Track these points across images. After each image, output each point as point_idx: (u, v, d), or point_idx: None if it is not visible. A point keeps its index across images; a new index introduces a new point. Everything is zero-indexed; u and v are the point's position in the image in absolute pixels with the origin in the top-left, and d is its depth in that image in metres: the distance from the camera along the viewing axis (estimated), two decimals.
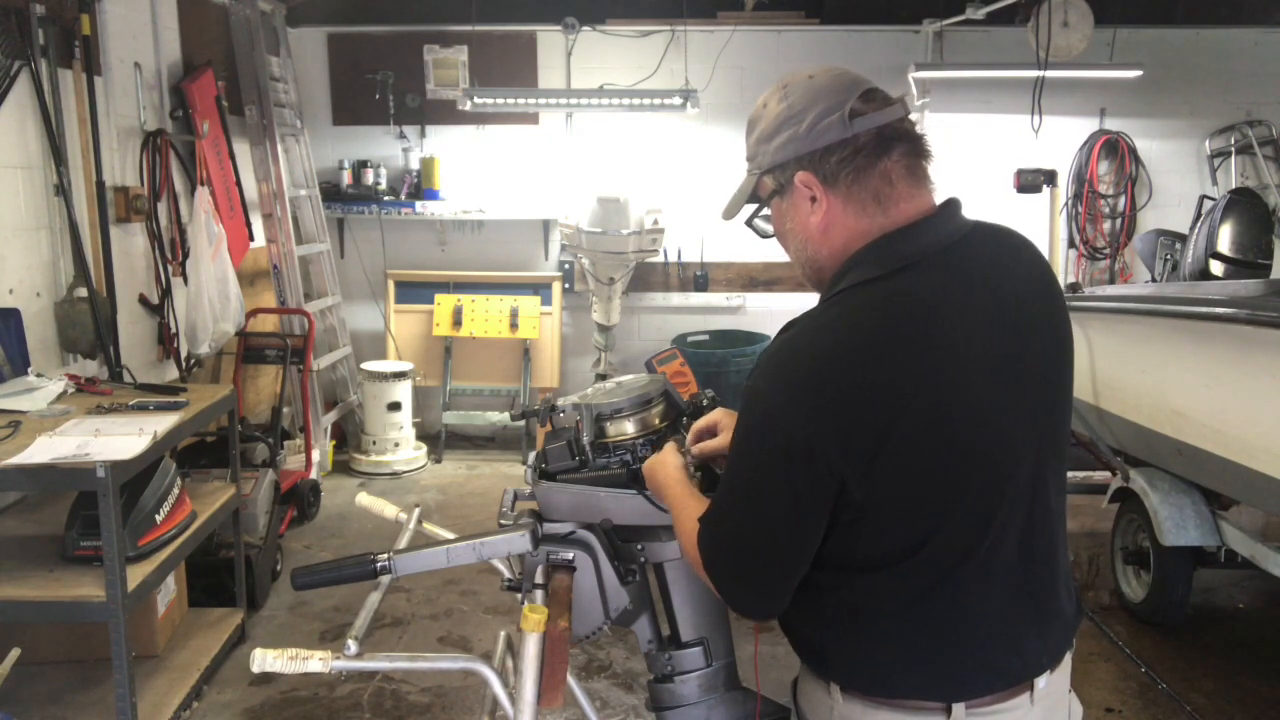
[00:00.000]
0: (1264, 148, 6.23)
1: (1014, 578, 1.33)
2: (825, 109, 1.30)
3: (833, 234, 1.33)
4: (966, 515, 1.27)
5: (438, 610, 4.03)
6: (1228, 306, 3.27)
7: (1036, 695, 1.36)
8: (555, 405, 1.71)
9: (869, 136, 1.29)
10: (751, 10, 6.09)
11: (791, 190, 1.34)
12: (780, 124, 1.34)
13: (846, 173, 1.29)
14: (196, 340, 4.48)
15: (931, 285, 1.26)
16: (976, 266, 1.31)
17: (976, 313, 1.27)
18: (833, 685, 1.37)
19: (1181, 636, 3.81)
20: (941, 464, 1.24)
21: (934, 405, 1.21)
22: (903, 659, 1.32)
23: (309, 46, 6.18)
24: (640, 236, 5.54)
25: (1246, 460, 3.14)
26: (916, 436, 1.21)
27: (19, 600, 2.74)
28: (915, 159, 1.33)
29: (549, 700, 1.45)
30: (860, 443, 1.20)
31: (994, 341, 1.28)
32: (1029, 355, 1.32)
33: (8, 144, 3.55)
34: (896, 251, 1.28)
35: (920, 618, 1.30)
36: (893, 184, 1.31)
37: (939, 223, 1.32)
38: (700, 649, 1.66)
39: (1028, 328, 1.33)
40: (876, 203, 1.31)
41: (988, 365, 1.26)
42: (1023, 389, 1.31)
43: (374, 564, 1.59)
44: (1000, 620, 1.33)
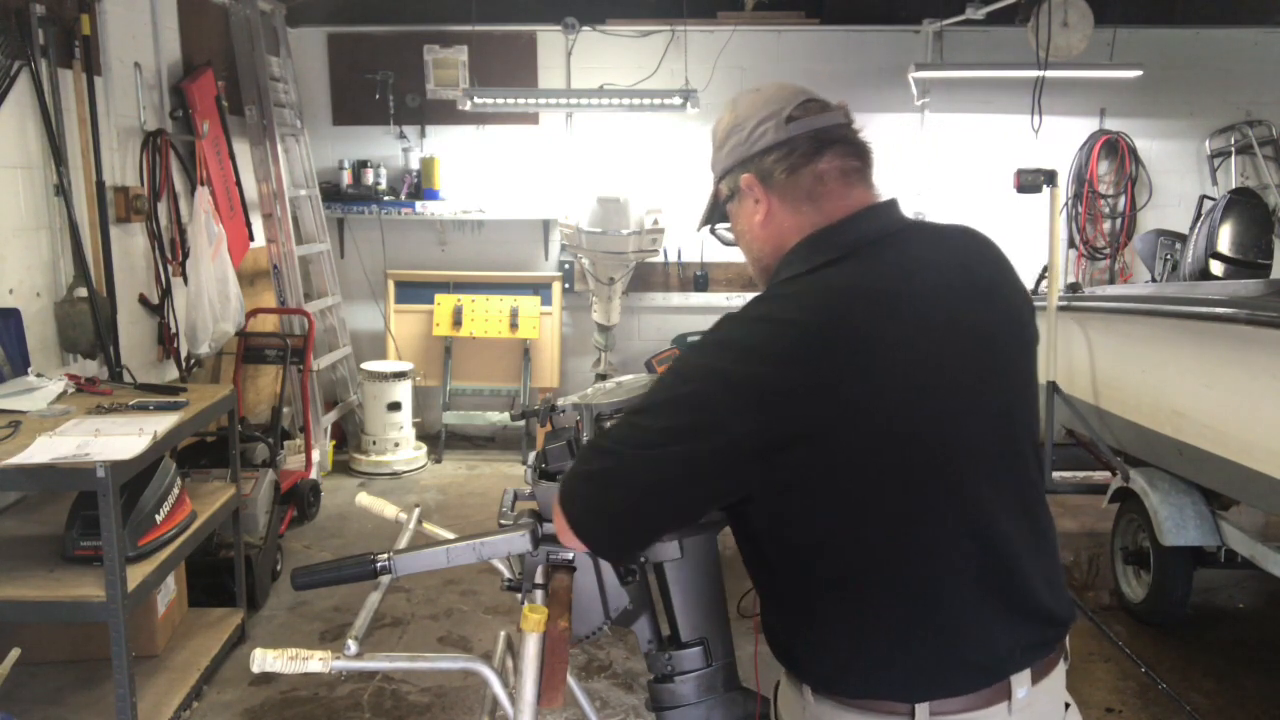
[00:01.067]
0: (1264, 148, 6.23)
1: (972, 571, 1.30)
2: (765, 116, 1.41)
3: (772, 230, 1.41)
4: (905, 504, 1.26)
5: (438, 610, 4.03)
6: (1228, 306, 3.27)
7: (1015, 705, 1.32)
8: (555, 405, 1.71)
9: (804, 139, 1.38)
10: (751, 10, 6.09)
11: (740, 193, 1.44)
12: (729, 133, 1.45)
13: (781, 171, 1.38)
14: (196, 340, 4.48)
15: (857, 277, 1.30)
16: (908, 259, 1.34)
17: (906, 302, 1.28)
18: (805, 688, 1.37)
19: (1181, 636, 3.81)
20: (868, 451, 1.24)
21: (861, 392, 1.22)
22: (863, 659, 1.32)
23: (309, 46, 6.19)
24: (640, 236, 5.54)
25: (1246, 460, 3.14)
26: (831, 426, 1.22)
27: (19, 600, 2.75)
28: (850, 161, 1.40)
29: (549, 700, 1.45)
30: (775, 433, 1.22)
31: (929, 332, 1.28)
32: (974, 347, 1.32)
33: (8, 144, 3.55)
34: (825, 245, 1.34)
35: (880, 614, 1.30)
36: (825, 183, 1.38)
37: (868, 218, 1.37)
38: (700, 649, 1.66)
39: (972, 320, 1.33)
40: (810, 200, 1.37)
41: (920, 354, 1.26)
42: (967, 378, 1.30)
43: (374, 564, 1.59)
44: (960, 615, 1.30)
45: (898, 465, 1.25)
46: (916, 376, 1.25)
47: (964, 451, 1.29)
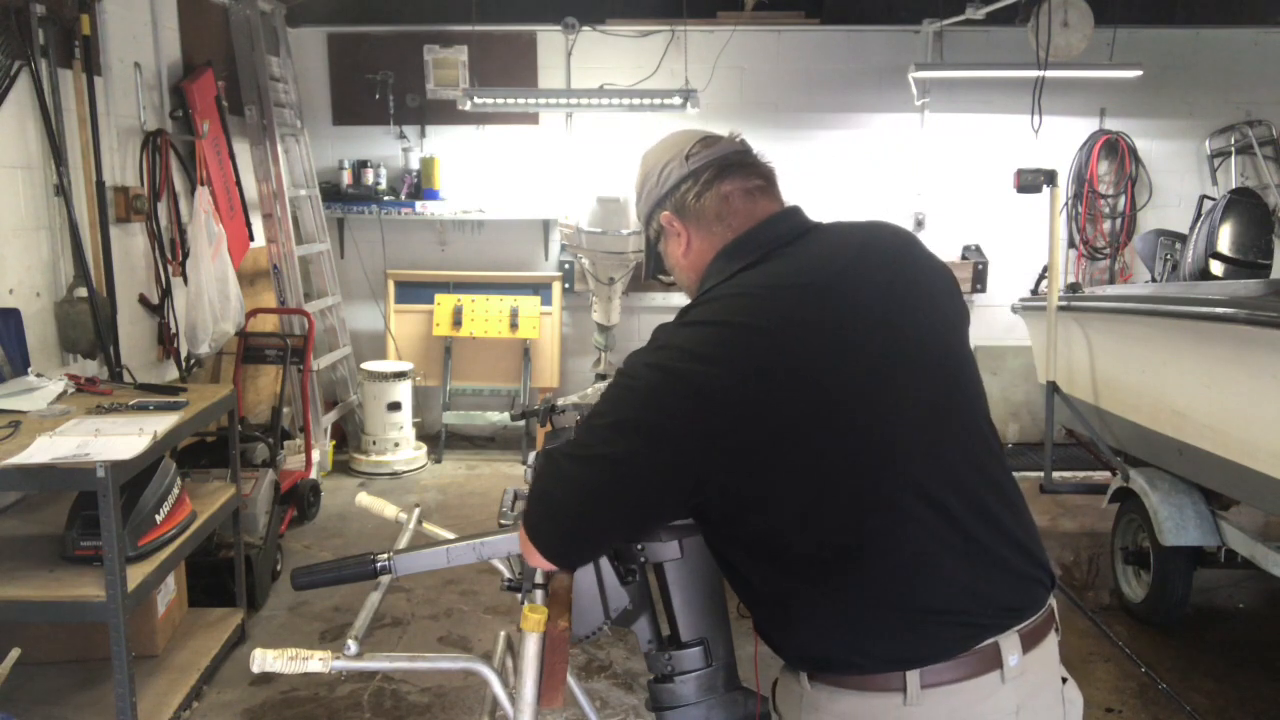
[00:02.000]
0: (1264, 148, 6.23)
1: (935, 537, 1.34)
2: (670, 158, 1.55)
3: (694, 258, 1.53)
4: (852, 482, 1.32)
5: (438, 610, 4.03)
6: (1228, 306, 3.27)
7: (1008, 674, 1.35)
8: (555, 405, 1.71)
9: (706, 168, 1.51)
10: (751, 10, 6.09)
11: (665, 232, 1.56)
12: (644, 182, 1.59)
13: (691, 199, 1.51)
14: (196, 340, 4.48)
15: (773, 275, 1.39)
16: (822, 253, 1.43)
17: (825, 292, 1.36)
18: (801, 675, 1.41)
19: (1181, 636, 3.81)
20: (807, 436, 1.30)
21: (789, 383, 1.29)
22: (844, 636, 1.35)
23: (309, 46, 6.19)
24: (640, 236, 5.52)
25: (1246, 460, 3.14)
26: (775, 415, 1.28)
27: (19, 600, 2.75)
28: (751, 180, 1.51)
29: (549, 700, 1.45)
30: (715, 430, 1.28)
31: (851, 318, 1.35)
32: (900, 325, 1.38)
33: (8, 144, 3.55)
34: (738, 253, 1.45)
35: (848, 592, 1.34)
36: (730, 203, 1.49)
37: (774, 223, 1.48)
38: (700, 649, 1.66)
39: (894, 302, 1.40)
40: (719, 220, 1.49)
41: (846, 339, 1.34)
42: (896, 356, 1.36)
43: (374, 564, 1.59)
44: (932, 579, 1.34)
45: (838, 445, 1.31)
46: (845, 360, 1.33)
47: (903, 425, 1.34)
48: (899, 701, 1.33)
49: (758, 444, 1.29)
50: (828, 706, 1.38)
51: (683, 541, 1.66)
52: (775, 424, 1.28)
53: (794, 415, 1.29)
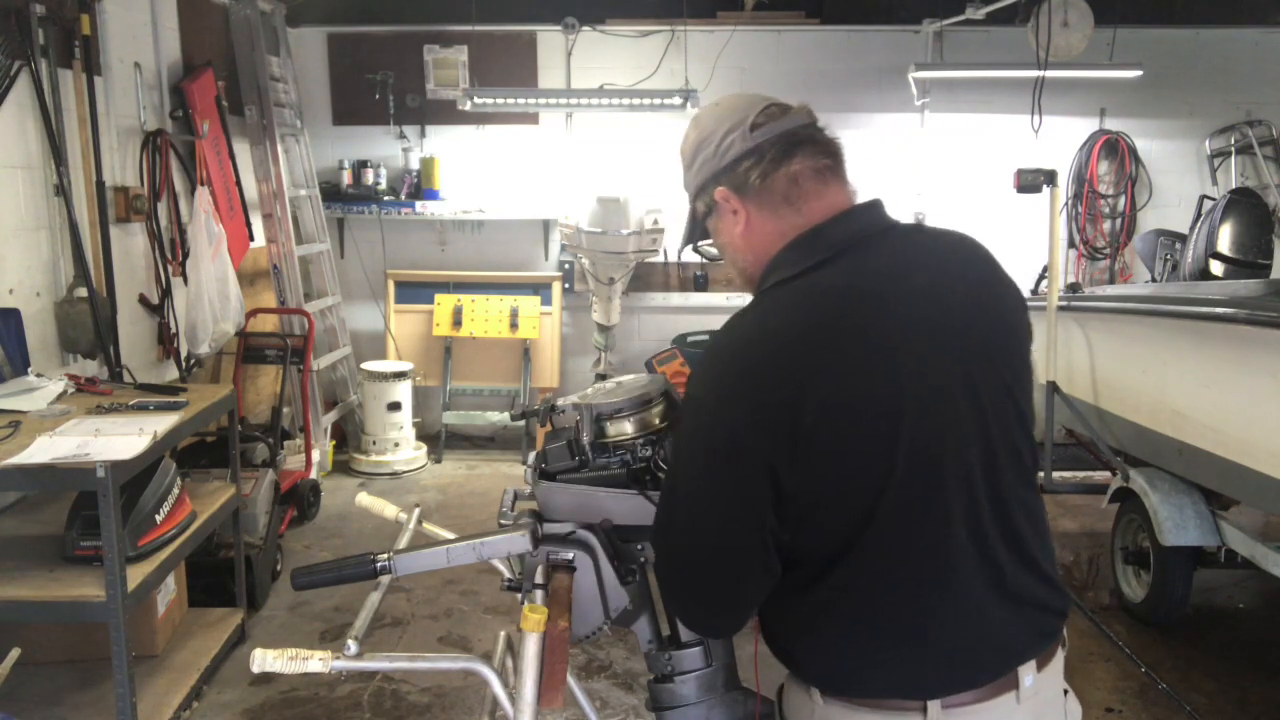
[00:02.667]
0: (1264, 148, 6.22)
1: (974, 566, 1.31)
2: (730, 127, 1.40)
3: (754, 239, 1.41)
4: (903, 500, 1.27)
5: (438, 610, 4.03)
6: (1228, 306, 3.27)
7: (1023, 694, 1.34)
8: (555, 405, 1.70)
9: (771, 144, 1.37)
10: (751, 10, 6.09)
11: (717, 207, 1.43)
12: (696, 150, 1.44)
13: (755, 178, 1.38)
14: (196, 340, 4.48)
15: (846, 277, 1.31)
16: (896, 258, 1.35)
17: (895, 301, 1.30)
18: (813, 690, 1.37)
19: (1181, 636, 3.81)
20: (864, 448, 1.25)
21: (852, 391, 1.24)
22: (872, 659, 1.32)
23: (309, 46, 6.19)
24: (640, 236, 5.54)
25: (1246, 460, 3.14)
26: (834, 422, 1.24)
27: (19, 600, 2.75)
28: (822, 160, 1.39)
29: (549, 700, 1.45)
30: (782, 431, 1.23)
31: (917, 329, 1.29)
32: (967, 344, 1.33)
33: (8, 144, 3.55)
34: (811, 248, 1.35)
35: (881, 613, 1.31)
36: (799, 185, 1.37)
37: (853, 219, 1.38)
38: (700, 649, 1.66)
39: (962, 317, 1.34)
40: (787, 203, 1.37)
41: (913, 352, 1.28)
42: (959, 376, 1.31)
43: (374, 564, 1.59)
44: (965, 610, 1.31)
45: (892, 464, 1.26)
46: (909, 375, 1.27)
47: (957, 448, 1.30)
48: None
49: (815, 462, 1.24)
50: None
51: None
52: (835, 443, 1.24)
53: (854, 435, 1.25)
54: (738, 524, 1.28)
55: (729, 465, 1.26)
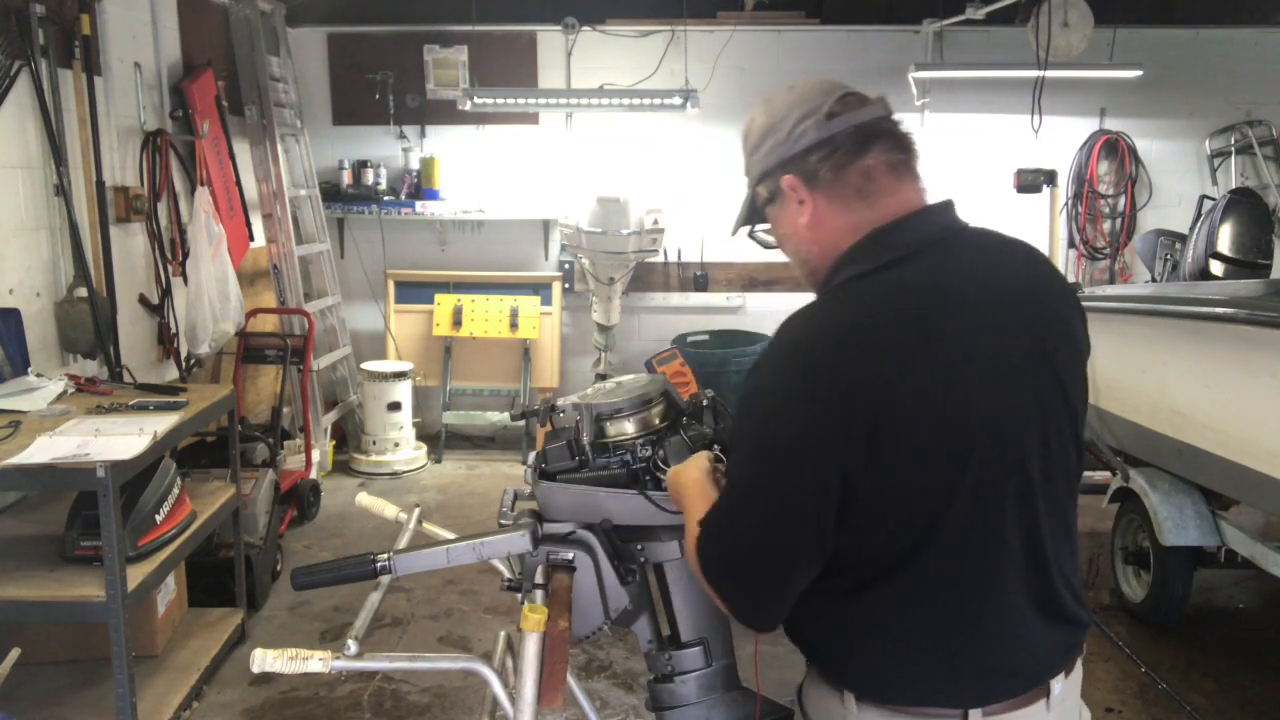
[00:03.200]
0: (1264, 148, 6.22)
1: (1021, 577, 1.31)
2: (804, 114, 1.34)
3: (821, 232, 1.35)
4: (968, 506, 1.25)
5: (438, 610, 4.03)
6: (1228, 306, 3.27)
7: (1052, 701, 1.35)
8: (555, 405, 1.71)
9: (847, 135, 1.32)
10: (751, 10, 6.09)
11: (781, 195, 1.37)
12: (765, 134, 1.38)
13: (826, 170, 1.32)
14: (196, 340, 4.48)
15: (924, 276, 1.28)
16: (971, 262, 1.33)
17: (972, 305, 1.28)
18: (847, 695, 1.35)
19: (1181, 636, 3.81)
20: (939, 452, 1.23)
21: (928, 393, 1.21)
22: (918, 666, 1.30)
23: (309, 46, 6.19)
24: (640, 236, 5.54)
25: (1246, 460, 3.14)
26: (912, 423, 1.20)
27: (19, 600, 2.74)
28: (897, 155, 1.34)
29: (549, 700, 1.45)
30: (858, 430, 1.19)
31: (992, 334, 1.28)
32: (1034, 352, 1.31)
33: (8, 144, 3.55)
34: (889, 244, 1.31)
35: (933, 622, 1.29)
36: (874, 179, 1.33)
37: (930, 218, 1.34)
38: (700, 649, 1.66)
39: (1032, 326, 1.32)
40: (860, 198, 1.33)
41: (985, 357, 1.26)
42: (1027, 384, 1.29)
43: (374, 564, 1.59)
44: (1011, 621, 1.31)
45: (964, 470, 1.24)
46: (981, 377, 1.25)
47: (1022, 455, 1.28)
48: None
49: (885, 460, 1.21)
50: None
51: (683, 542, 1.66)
52: (906, 440, 1.21)
53: (925, 433, 1.22)
54: (798, 517, 1.24)
55: (797, 459, 1.22)
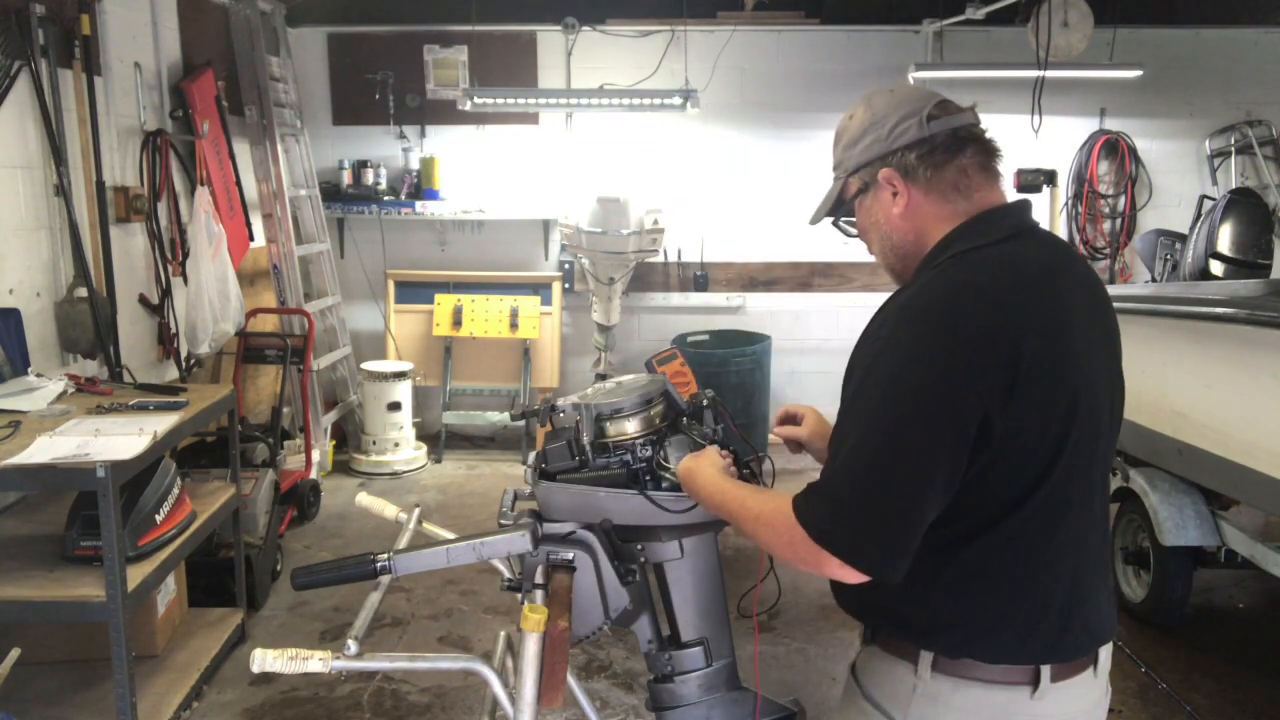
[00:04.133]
0: (1264, 148, 6.23)
1: (1098, 538, 1.44)
2: (905, 114, 1.47)
3: (915, 221, 1.47)
4: (1070, 461, 1.35)
5: (438, 610, 4.03)
6: (1228, 306, 3.27)
7: (1099, 669, 1.46)
8: (555, 405, 1.71)
9: (944, 137, 1.46)
10: (751, 10, 6.09)
11: (876, 186, 1.49)
12: (865, 129, 1.50)
13: (925, 167, 1.45)
14: (196, 340, 4.48)
15: (1028, 254, 1.41)
16: (1053, 252, 1.47)
17: (1072, 284, 1.42)
18: (921, 661, 1.40)
19: (1181, 636, 3.81)
20: (1058, 403, 1.33)
21: (1050, 350, 1.32)
22: (1008, 617, 1.37)
23: (309, 46, 6.18)
24: (640, 236, 5.54)
25: (1246, 460, 3.15)
26: (1040, 375, 1.30)
27: (19, 600, 2.74)
28: (987, 158, 1.49)
29: (549, 700, 1.45)
30: (998, 376, 1.28)
31: (1086, 313, 1.42)
32: (1106, 336, 1.48)
33: (8, 144, 3.55)
34: (997, 224, 1.44)
35: (1028, 571, 1.37)
36: (969, 176, 1.46)
37: (1019, 211, 1.48)
38: (700, 649, 1.66)
39: (1098, 316, 1.47)
40: (957, 191, 1.46)
41: (1084, 331, 1.39)
42: (1103, 365, 1.44)
43: (374, 564, 1.59)
44: (1090, 579, 1.42)
45: (1070, 420, 1.34)
46: (1078, 351, 1.37)
47: (1101, 431, 1.42)
48: (1026, 695, 1.38)
49: (1036, 394, 1.30)
50: (949, 699, 1.39)
51: (683, 541, 1.66)
52: (1026, 399, 1.29)
53: (1040, 396, 1.31)
54: (939, 453, 1.29)
55: (940, 396, 1.28)
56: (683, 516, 1.59)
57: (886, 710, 1.43)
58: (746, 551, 4.55)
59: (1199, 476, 3.57)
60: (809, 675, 3.49)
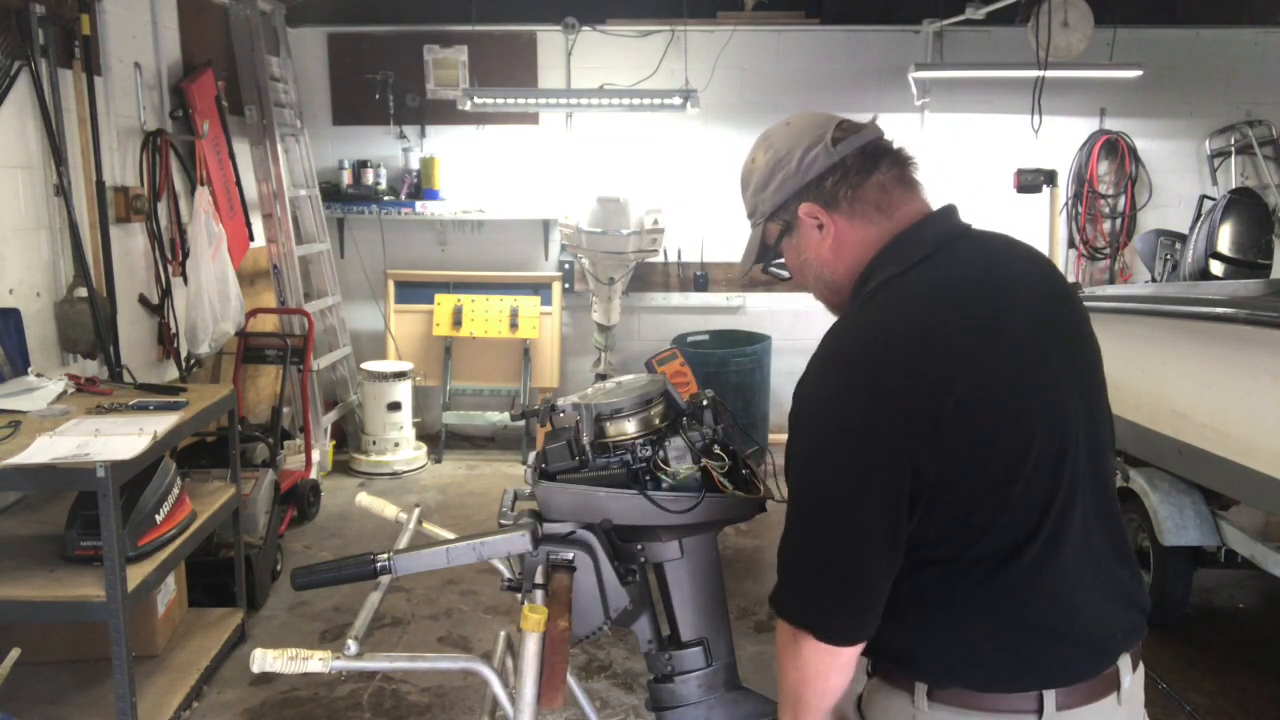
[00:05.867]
0: (1264, 148, 6.23)
1: (1080, 551, 1.34)
2: (809, 143, 1.41)
3: (845, 251, 1.42)
4: (1030, 484, 1.29)
5: (438, 610, 4.03)
6: (1228, 306, 3.27)
7: (1123, 695, 1.37)
8: (555, 405, 1.71)
9: (854, 157, 1.40)
10: (751, 10, 6.09)
11: (798, 224, 1.44)
12: (772, 170, 1.44)
13: (844, 192, 1.39)
14: (196, 340, 4.48)
15: (953, 271, 1.35)
16: (985, 257, 1.41)
17: (1000, 295, 1.34)
18: (916, 691, 1.36)
19: (1181, 636, 3.81)
20: (997, 432, 1.27)
21: (980, 377, 1.26)
22: (991, 647, 1.32)
23: (309, 46, 6.18)
24: (640, 236, 5.54)
25: (1246, 460, 3.14)
26: (971, 416, 1.24)
27: (19, 600, 2.74)
28: (902, 168, 1.43)
29: (549, 700, 1.45)
30: (919, 428, 1.23)
31: (1022, 322, 1.33)
32: (1059, 338, 1.37)
33: (8, 144, 3.55)
34: (911, 245, 1.38)
35: (1002, 600, 1.32)
36: (889, 192, 1.40)
37: (941, 219, 1.42)
38: (700, 649, 1.66)
39: (1049, 313, 1.38)
40: (879, 211, 1.40)
41: (1022, 343, 1.32)
42: (1061, 368, 1.35)
43: (374, 564, 1.59)
44: (1076, 598, 1.34)
45: (1020, 449, 1.28)
46: (1024, 363, 1.30)
47: (1069, 437, 1.33)
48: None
49: (968, 434, 1.25)
50: None
51: (683, 541, 1.66)
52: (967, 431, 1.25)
53: (984, 422, 1.26)
54: (878, 518, 1.27)
55: (858, 459, 1.26)
56: (683, 516, 1.59)
57: None
58: (747, 552, 4.56)
59: (1199, 476, 3.57)
60: None
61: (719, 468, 1.62)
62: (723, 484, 1.61)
